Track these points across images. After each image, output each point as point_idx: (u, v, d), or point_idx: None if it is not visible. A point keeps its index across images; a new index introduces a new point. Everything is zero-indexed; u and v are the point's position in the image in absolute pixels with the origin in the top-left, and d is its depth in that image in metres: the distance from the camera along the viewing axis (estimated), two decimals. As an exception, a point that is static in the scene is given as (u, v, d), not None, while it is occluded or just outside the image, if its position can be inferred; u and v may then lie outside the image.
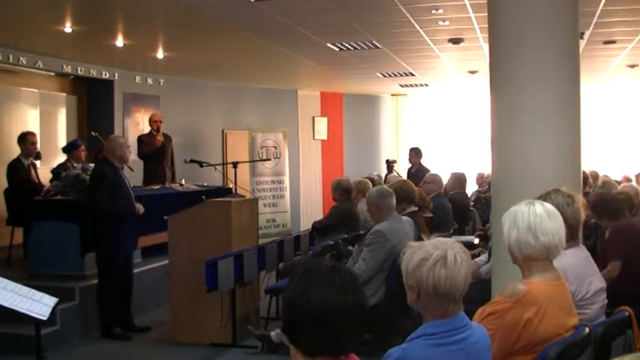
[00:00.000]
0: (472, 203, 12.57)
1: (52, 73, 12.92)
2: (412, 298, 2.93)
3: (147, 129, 12.58)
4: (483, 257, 7.42)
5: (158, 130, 11.90)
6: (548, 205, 3.57)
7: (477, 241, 8.82)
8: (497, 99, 6.16)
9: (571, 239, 3.98)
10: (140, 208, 8.25)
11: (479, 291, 5.37)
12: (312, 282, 2.31)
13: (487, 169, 13.46)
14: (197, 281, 7.53)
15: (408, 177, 12.97)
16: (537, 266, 3.46)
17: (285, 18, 9.66)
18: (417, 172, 14.67)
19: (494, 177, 6.31)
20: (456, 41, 11.54)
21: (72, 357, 7.48)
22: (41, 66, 12.08)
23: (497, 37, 6.20)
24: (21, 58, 11.51)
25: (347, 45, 12.00)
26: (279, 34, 10.78)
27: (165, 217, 8.25)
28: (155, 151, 11.75)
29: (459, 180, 11.33)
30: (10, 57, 11.27)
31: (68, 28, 9.97)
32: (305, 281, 2.32)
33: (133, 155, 9.66)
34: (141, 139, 12.00)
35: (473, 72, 15.23)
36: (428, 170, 14.90)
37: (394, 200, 7.09)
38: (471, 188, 14.39)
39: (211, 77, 15.73)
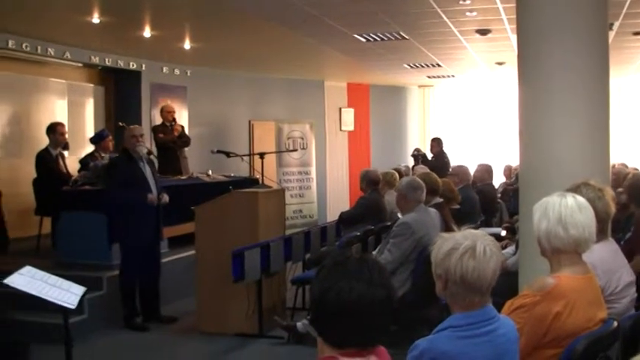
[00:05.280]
0: (499, 195, 12.51)
1: (80, 64, 12.98)
2: (440, 288, 2.93)
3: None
4: (510, 249, 7.38)
5: (174, 120, 11.88)
6: (580, 198, 3.53)
7: (504, 233, 8.77)
8: (526, 91, 6.11)
9: (600, 233, 3.94)
10: (153, 198, 8.21)
11: (505, 283, 5.34)
12: (340, 274, 2.31)
13: (515, 161, 13.43)
14: (223, 271, 7.55)
15: (427, 165, 13.02)
16: (566, 259, 3.43)
17: (312, 8, 9.64)
18: (436, 159, 14.75)
19: (522, 169, 6.27)
20: (483, 32, 11.45)
21: (99, 346, 7.54)
22: (69, 57, 12.14)
23: (525, 28, 6.15)
24: (49, 49, 11.57)
25: (374, 36, 11.95)
26: (306, 24, 10.76)
27: (192, 208, 8.28)
28: (173, 142, 11.74)
29: (486, 172, 11.27)
30: (39, 48, 11.33)
31: (96, 19, 10.01)
32: (334, 273, 2.32)
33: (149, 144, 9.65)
34: (156, 130, 11.97)
35: (500, 63, 15.12)
36: (446, 157, 15.01)
37: (423, 193, 7.05)
38: (498, 180, 14.32)
39: (238, 68, 15.73)
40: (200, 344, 7.68)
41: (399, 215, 7.35)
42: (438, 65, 15.75)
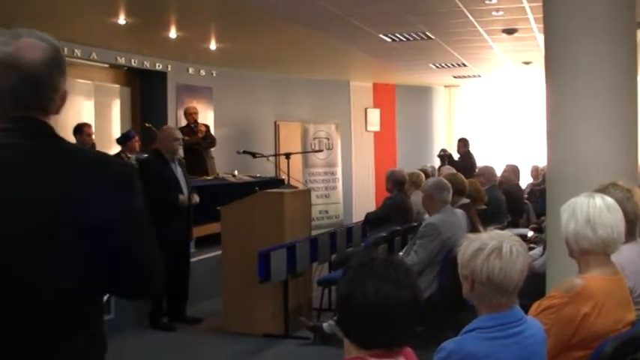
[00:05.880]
0: (526, 196, 12.44)
1: (106, 65, 13.07)
2: (466, 289, 2.92)
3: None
4: (537, 250, 7.34)
5: (196, 122, 11.93)
6: (609, 199, 3.50)
7: (531, 234, 8.73)
8: (553, 90, 6.07)
9: (629, 234, 3.91)
10: (184, 199, 8.23)
11: (532, 285, 5.32)
12: (367, 275, 2.32)
13: (542, 162, 13.35)
14: (249, 272, 7.56)
15: (453, 166, 12.99)
16: (594, 260, 3.41)
17: (337, 9, 9.64)
18: (462, 159, 14.72)
19: (550, 170, 6.23)
20: (509, 32, 11.41)
21: (127, 345, 7.55)
22: (95, 58, 12.22)
23: (552, 27, 6.11)
24: (76, 50, 11.66)
25: (399, 36, 11.93)
26: (331, 25, 10.76)
27: (218, 208, 8.31)
28: (197, 144, 11.78)
29: (514, 172, 11.23)
30: (65, 49, 11.41)
31: (122, 20, 10.07)
32: (360, 274, 2.33)
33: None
34: (181, 132, 12.00)
35: (527, 63, 15.05)
36: (472, 158, 14.96)
37: (449, 194, 7.03)
38: (525, 180, 14.25)
39: (263, 69, 15.76)
40: (226, 344, 7.69)
41: (426, 216, 7.34)
42: (464, 65, 15.71)
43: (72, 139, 9.94)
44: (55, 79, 2.24)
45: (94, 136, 10.12)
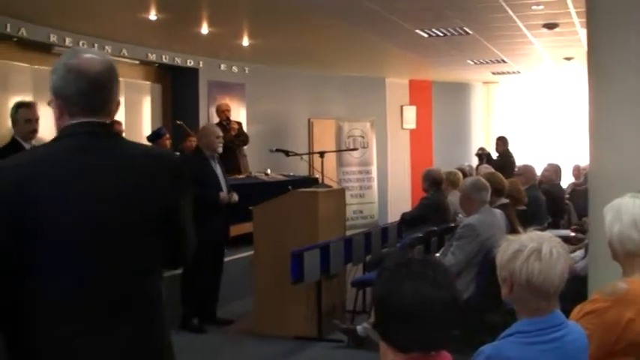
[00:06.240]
0: (567, 196, 12.34)
1: (137, 62, 13.16)
2: (505, 292, 2.89)
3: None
4: (579, 253, 7.27)
5: (229, 119, 11.93)
6: (655, 200, 3.46)
7: (572, 235, 8.65)
8: (596, 87, 6.01)
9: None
10: (225, 197, 8.27)
11: (574, 288, 5.27)
12: (404, 275, 2.30)
13: (583, 161, 13.24)
14: (282, 273, 7.55)
15: (492, 165, 12.93)
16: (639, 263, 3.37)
17: (374, 4, 9.62)
18: (501, 158, 14.64)
19: (592, 169, 6.18)
20: (550, 26, 11.32)
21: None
22: (126, 54, 12.32)
23: (595, 21, 6.05)
24: (106, 47, 11.73)
25: (436, 31, 11.89)
26: (367, 20, 10.75)
27: (250, 208, 8.32)
28: (230, 141, 11.80)
29: (555, 172, 11.15)
30: (96, 46, 11.51)
31: (153, 16, 10.14)
32: (397, 275, 2.31)
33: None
34: None
35: (568, 59, 14.94)
36: (512, 157, 14.88)
37: (488, 193, 6.99)
38: (567, 180, 14.13)
39: (297, 65, 15.79)
40: (257, 347, 7.70)
41: (459, 216, 7.30)
42: (503, 61, 15.62)
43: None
44: (114, 88, 2.69)
45: (124, 134, 10.18)
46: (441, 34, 12.12)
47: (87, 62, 2.60)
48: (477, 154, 15.54)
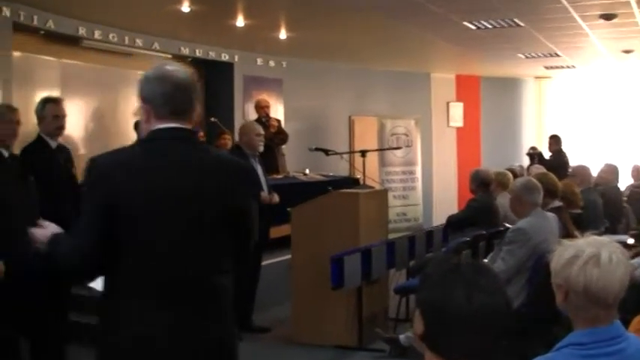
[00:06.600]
0: (625, 199, 12.19)
1: (169, 56, 13.19)
2: (560, 299, 2.85)
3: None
4: (639, 259, 7.18)
5: (268, 116, 11.90)
6: None
7: (631, 240, 8.53)
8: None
9: None
10: (266, 197, 8.29)
11: (633, 297, 5.19)
12: (455, 281, 2.26)
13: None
14: (321, 278, 7.55)
15: (544, 165, 12.85)
16: None
17: (418, -6, 9.61)
18: (554, 158, 14.54)
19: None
20: (608, 17, 11.19)
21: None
22: (158, 48, 12.40)
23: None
24: (137, 40, 11.82)
25: (485, 23, 11.82)
26: (411, 12, 10.71)
27: (288, 209, 8.32)
28: (269, 140, 11.80)
29: (612, 173, 11.03)
30: (126, 39, 11.59)
31: (186, 8, 10.17)
32: (447, 280, 2.27)
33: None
34: None
35: (627, 52, 14.79)
36: (565, 157, 14.77)
37: (540, 195, 6.91)
38: (625, 182, 13.97)
39: (337, 60, 15.79)
40: (295, 356, 7.71)
41: (510, 220, 7.24)
42: (557, 55, 15.50)
43: (132, 135, 10.08)
44: (195, 94, 3.25)
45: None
46: (490, 26, 12.05)
47: (171, 70, 3.18)
48: (528, 154, 15.47)
